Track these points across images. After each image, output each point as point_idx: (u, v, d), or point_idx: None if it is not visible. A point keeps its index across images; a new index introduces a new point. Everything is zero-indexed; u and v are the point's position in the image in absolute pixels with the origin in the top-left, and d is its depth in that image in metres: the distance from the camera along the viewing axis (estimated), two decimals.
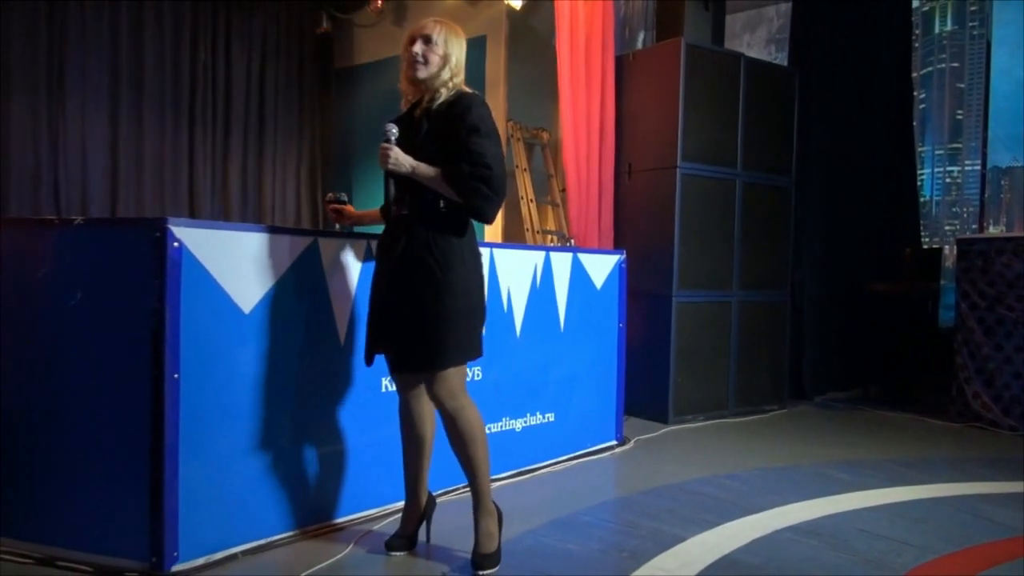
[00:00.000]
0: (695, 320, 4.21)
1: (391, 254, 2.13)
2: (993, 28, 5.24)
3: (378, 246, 2.22)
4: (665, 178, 4.14)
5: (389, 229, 2.20)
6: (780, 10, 6.17)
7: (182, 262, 2.01)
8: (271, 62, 6.54)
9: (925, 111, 5.97)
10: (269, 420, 2.24)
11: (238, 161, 6.32)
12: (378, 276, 2.18)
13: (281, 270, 2.24)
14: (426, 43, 2.17)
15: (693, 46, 4.14)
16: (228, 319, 2.13)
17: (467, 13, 6.25)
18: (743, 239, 4.39)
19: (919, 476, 3.18)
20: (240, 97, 6.35)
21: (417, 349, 2.08)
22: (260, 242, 2.20)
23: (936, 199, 6.02)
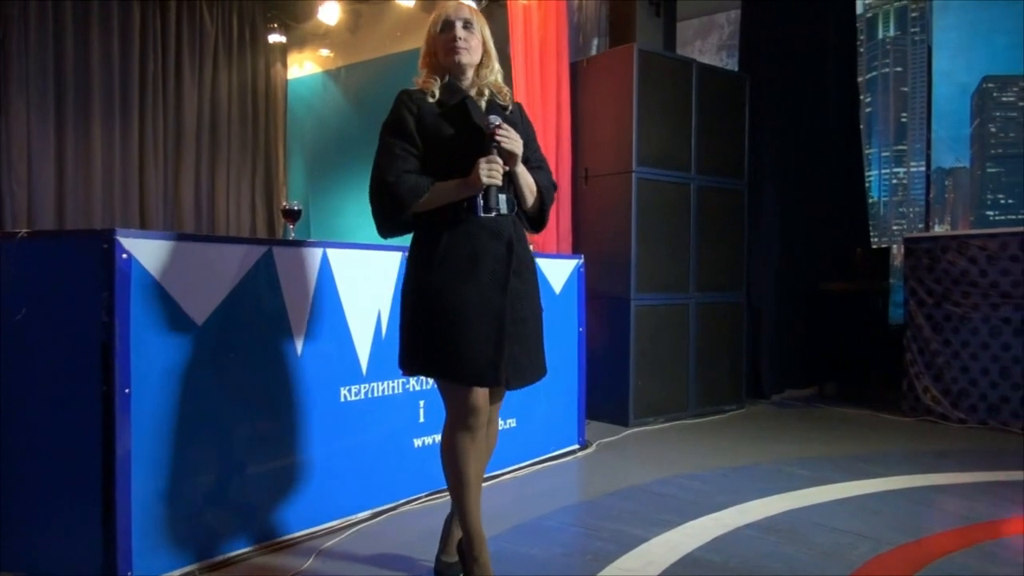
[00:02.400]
0: (654, 323, 4.24)
1: (495, 255, 1.93)
2: (933, 33, 5.41)
3: (461, 245, 1.92)
4: (621, 182, 4.17)
5: (481, 228, 1.93)
6: (730, 17, 6.29)
7: (131, 274, 1.96)
8: (223, 70, 6.45)
9: (871, 114, 6.14)
10: (224, 433, 2.19)
11: (190, 170, 6.21)
12: (478, 278, 1.91)
13: (235, 280, 2.20)
14: (466, 28, 2.00)
15: (646, 52, 4.19)
16: (180, 331, 2.08)
17: (421, 20, 6.23)
18: (699, 242, 4.44)
19: (874, 470, 3.25)
20: (192, 105, 6.24)
21: (542, 357, 2.04)
22: (212, 252, 2.16)
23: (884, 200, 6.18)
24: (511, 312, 1.93)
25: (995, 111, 6.30)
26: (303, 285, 2.39)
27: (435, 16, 2.04)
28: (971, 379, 4.22)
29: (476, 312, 1.89)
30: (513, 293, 1.95)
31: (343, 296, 2.51)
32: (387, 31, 6.41)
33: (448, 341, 1.87)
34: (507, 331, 1.91)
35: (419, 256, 1.96)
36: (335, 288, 2.49)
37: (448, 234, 1.92)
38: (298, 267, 2.38)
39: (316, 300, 2.42)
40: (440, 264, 1.91)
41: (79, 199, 5.48)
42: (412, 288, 1.96)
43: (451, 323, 1.88)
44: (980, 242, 4.17)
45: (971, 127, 6.13)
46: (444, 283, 1.90)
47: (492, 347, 1.89)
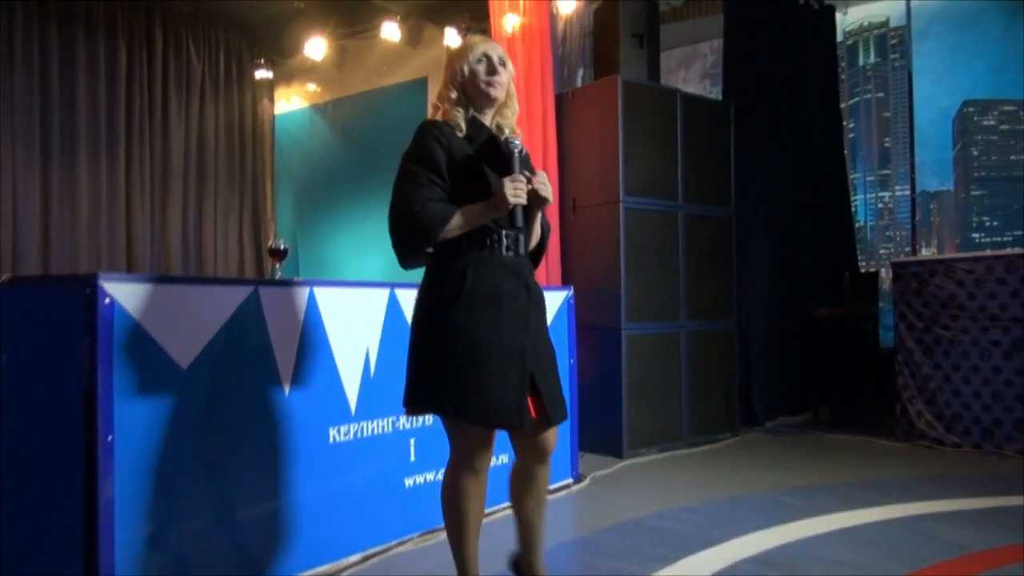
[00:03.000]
0: (645, 352, 4.23)
1: (515, 295, 1.94)
2: (913, 60, 5.49)
3: (484, 285, 1.91)
4: (609, 213, 4.18)
5: (503, 268, 1.94)
6: (713, 46, 6.37)
7: (114, 318, 1.93)
8: (210, 107, 6.47)
9: (855, 139, 6.20)
10: (211, 478, 2.16)
11: (178, 209, 6.20)
12: (501, 318, 1.90)
13: (220, 322, 2.18)
14: (502, 65, 2.02)
15: (630, 83, 4.23)
16: (165, 376, 2.05)
17: (407, 55, 6.31)
18: (688, 270, 4.45)
19: (871, 497, 3.23)
20: (179, 142, 6.25)
21: (563, 396, 2.03)
22: (197, 294, 2.14)
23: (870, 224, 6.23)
24: (533, 350, 1.94)
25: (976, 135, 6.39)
26: (290, 325, 2.37)
27: (466, 47, 2.04)
28: (964, 403, 4.21)
29: (500, 353, 1.88)
30: (533, 330, 1.96)
31: (331, 335, 2.49)
32: (373, 65, 6.46)
33: (472, 381, 1.85)
34: (530, 370, 1.92)
35: (441, 293, 1.92)
36: (322, 327, 2.47)
37: (472, 272, 1.91)
38: (285, 307, 2.36)
39: (303, 340, 2.40)
40: (464, 303, 1.89)
41: (65, 239, 5.45)
42: (432, 325, 1.91)
43: (477, 364, 1.86)
44: (967, 265, 4.19)
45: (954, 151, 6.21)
46: (468, 322, 1.87)
47: (515, 390, 1.89)
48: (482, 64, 2.01)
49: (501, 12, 4.40)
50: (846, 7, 5.91)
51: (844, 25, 6.01)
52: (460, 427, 1.91)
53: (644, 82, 4.41)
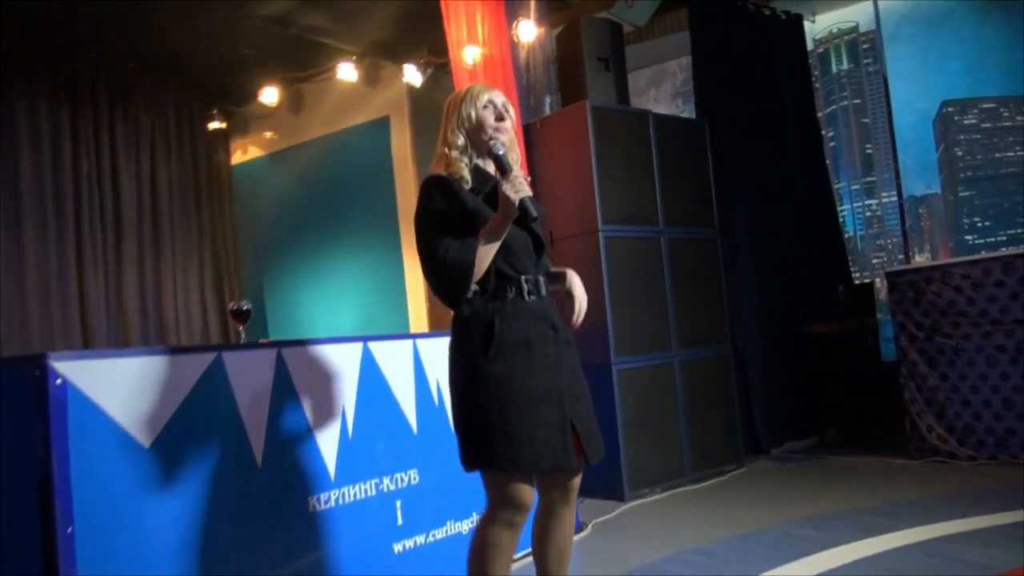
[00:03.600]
0: (638, 386, 4.21)
1: (544, 337, 2.01)
2: (887, 63, 5.62)
3: (513, 332, 1.98)
4: (588, 243, 4.20)
5: (529, 312, 2.01)
6: (682, 64, 6.48)
7: (67, 400, 1.89)
8: (162, 163, 6.45)
9: (836, 148, 6.32)
10: (182, 560, 2.09)
11: (133, 274, 6.13)
12: (535, 362, 1.97)
13: (183, 393, 2.14)
14: (506, 110, 2.12)
15: (599, 108, 4.28)
16: (127, 457, 2.00)
17: (366, 95, 6.35)
18: (676, 296, 4.46)
19: (887, 523, 3.21)
20: (131, 204, 6.21)
21: (599, 433, 2.09)
22: (156, 366, 2.10)
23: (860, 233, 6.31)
24: (568, 390, 2.02)
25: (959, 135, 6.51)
26: (258, 390, 2.33)
27: (470, 93, 2.12)
28: (974, 413, 4.23)
29: (540, 398, 1.96)
30: (567, 370, 2.04)
31: (303, 397, 2.46)
32: (331, 108, 6.50)
33: (518, 430, 1.92)
34: (569, 410, 2.00)
35: (472, 346, 1.99)
36: (294, 390, 2.43)
37: (499, 321, 1.98)
38: (252, 372, 2.32)
39: (274, 405, 2.36)
40: (497, 353, 1.96)
41: (14, 318, 5.35)
42: (470, 379, 1.98)
43: (519, 412, 1.93)
44: (963, 270, 4.24)
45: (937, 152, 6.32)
46: (504, 372, 1.95)
47: (559, 431, 1.97)
48: (489, 110, 2.10)
49: (460, 44, 4.45)
50: (813, 15, 6.04)
51: (813, 33, 6.15)
52: (505, 479, 1.96)
53: (614, 106, 4.47)
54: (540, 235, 2.13)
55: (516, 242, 2.04)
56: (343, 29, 5.62)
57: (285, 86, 6.38)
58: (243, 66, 6.08)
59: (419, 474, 2.84)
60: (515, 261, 2.04)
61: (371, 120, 6.34)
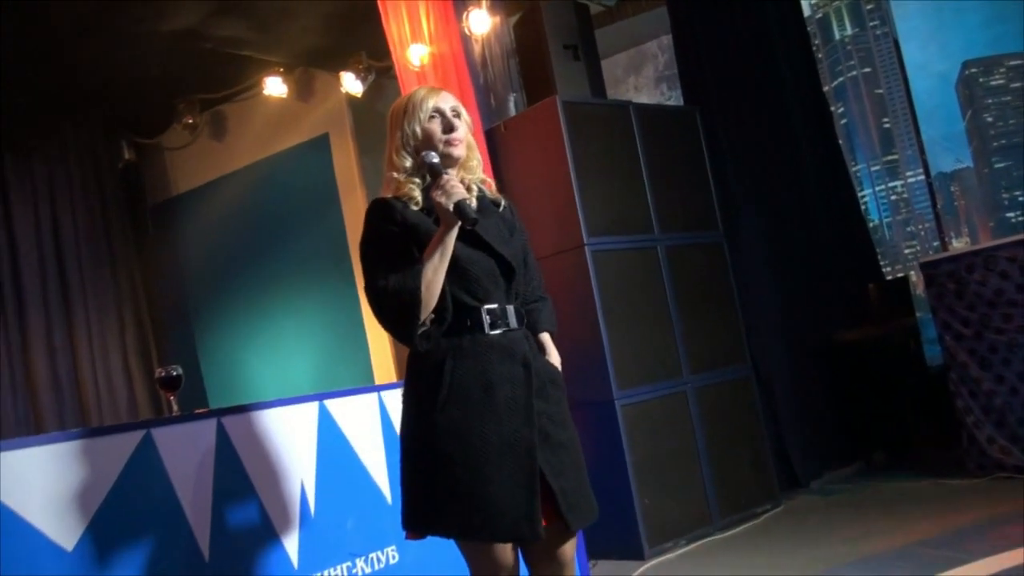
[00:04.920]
0: (648, 422, 4.20)
1: (511, 379, 2.00)
2: (896, 24, 5.74)
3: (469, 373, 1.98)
4: (573, 260, 4.20)
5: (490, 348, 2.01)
6: (663, 44, 6.56)
7: None
8: (65, 210, 6.38)
9: (848, 126, 6.44)
10: None
11: (41, 345, 6.04)
12: (496, 408, 1.96)
13: (108, 482, 2.11)
14: (457, 117, 2.13)
15: (571, 103, 4.31)
16: (47, 564, 1.96)
17: (300, 111, 6.37)
18: (682, 312, 4.47)
19: (954, 555, 3.20)
20: (31, 261, 6.14)
21: (591, 492, 2.08)
22: (74, 453, 2.07)
23: (886, 220, 6.40)
24: (543, 440, 1.99)
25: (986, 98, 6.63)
26: (199, 470, 2.30)
27: (412, 104, 2.12)
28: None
29: (499, 452, 1.93)
30: (543, 416, 2.01)
31: (253, 473, 2.43)
32: (260, 130, 6.50)
33: (470, 491, 1.90)
34: (542, 467, 1.96)
35: (420, 392, 2.00)
36: (240, 465, 2.41)
37: (451, 361, 1.97)
38: (189, 448, 2.30)
39: (219, 486, 2.33)
40: (448, 399, 1.95)
41: None
42: (416, 432, 1.98)
43: (473, 468, 1.91)
44: (1008, 252, 4.29)
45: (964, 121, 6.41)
46: (455, 421, 1.94)
47: (525, 491, 1.92)
48: (436, 121, 2.10)
49: (403, 44, 4.47)
50: None
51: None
52: (472, 546, 1.96)
53: (588, 99, 4.50)
54: (507, 256, 2.09)
55: (475, 265, 2.03)
56: (265, 38, 5.63)
57: (203, 109, 6.38)
58: (152, 90, 6.07)
59: (398, 551, 2.81)
60: (474, 288, 2.03)
61: (308, 139, 6.35)
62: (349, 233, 6.09)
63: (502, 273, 2.08)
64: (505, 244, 2.11)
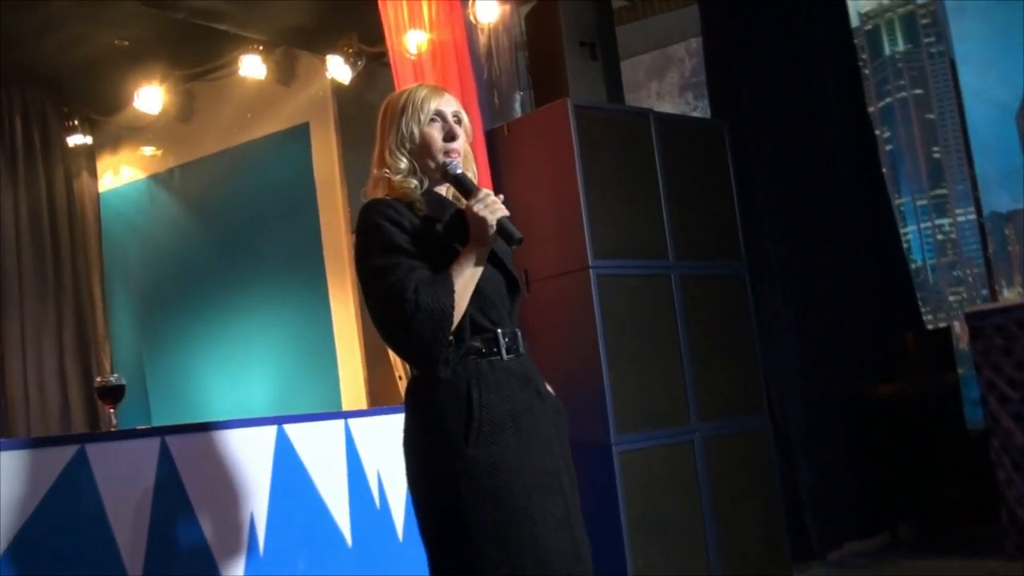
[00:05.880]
0: (648, 473, 4.20)
1: (530, 407, 2.05)
2: (954, 43, 5.79)
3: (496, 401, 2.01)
4: (575, 284, 4.21)
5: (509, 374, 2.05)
6: (691, 48, 6.61)
7: None
8: (5, 191, 6.39)
9: (894, 153, 6.44)
10: None
11: None
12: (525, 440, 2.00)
13: (33, 502, 2.11)
14: (458, 123, 2.19)
15: (584, 107, 4.33)
16: None
17: (279, 96, 6.39)
18: (693, 350, 4.47)
19: None
20: None
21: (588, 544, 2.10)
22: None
23: (930, 262, 6.41)
24: (567, 474, 2.07)
25: None
26: (136, 494, 2.31)
27: (411, 103, 2.16)
28: None
29: (538, 485, 1.98)
30: (557, 449, 2.08)
31: (196, 502, 2.43)
32: (233, 114, 6.52)
33: (519, 532, 1.93)
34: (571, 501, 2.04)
35: (443, 423, 1.99)
36: (183, 492, 2.41)
37: (476, 390, 1.99)
38: (127, 470, 2.31)
39: (157, 513, 2.33)
40: (482, 432, 1.97)
41: None
42: (448, 471, 1.97)
43: (518, 508, 1.94)
44: None
45: None
46: (494, 458, 1.96)
47: (566, 530, 2.00)
48: (436, 125, 2.15)
49: (400, 28, 4.51)
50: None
51: (859, 6, 6.31)
52: None
53: (603, 104, 4.52)
54: (516, 275, 2.18)
55: (489, 283, 2.08)
56: (245, 12, 5.64)
57: (170, 87, 6.39)
58: (113, 62, 6.08)
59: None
60: (489, 309, 2.07)
61: (286, 128, 6.37)
62: (325, 237, 6.10)
63: (509, 294, 2.16)
64: (511, 263, 2.18)
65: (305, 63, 6.24)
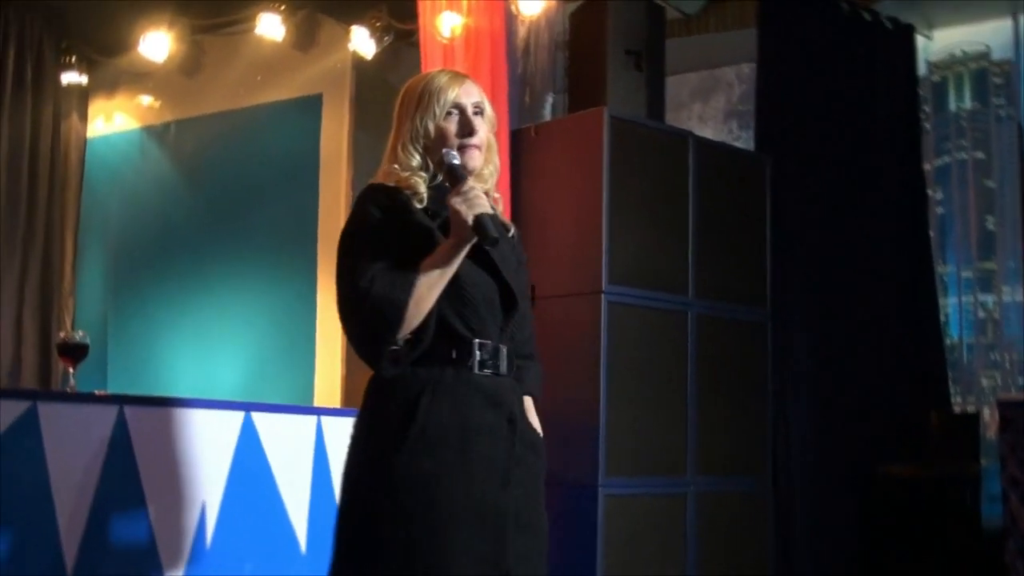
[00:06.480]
0: (633, 522, 4.19)
1: (493, 432, 2.03)
2: None
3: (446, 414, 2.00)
4: (585, 307, 4.22)
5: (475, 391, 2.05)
6: (742, 73, 6.61)
7: None
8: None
9: (944, 217, 6.43)
10: None
11: None
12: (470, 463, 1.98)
13: None
14: (478, 115, 2.17)
15: (621, 119, 4.35)
16: None
17: (295, 62, 6.40)
18: (701, 397, 4.47)
19: None
20: None
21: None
22: None
23: (967, 340, 6.40)
24: (516, 514, 2.00)
25: None
26: (84, 465, 2.31)
27: (428, 92, 2.16)
28: None
29: (467, 515, 1.94)
30: (518, 487, 2.03)
31: (147, 481, 2.43)
32: (243, 75, 6.52)
33: (425, 558, 1.89)
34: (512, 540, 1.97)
35: (383, 429, 2.00)
36: (134, 467, 2.41)
37: (429, 397, 1.98)
38: (78, 435, 2.30)
39: (104, 487, 2.33)
40: (417, 442, 1.95)
41: None
42: (370, 476, 1.98)
43: (432, 530, 1.91)
44: None
45: None
46: (422, 471, 1.94)
47: (491, 567, 1.93)
48: (453, 119, 2.14)
49: (435, 9, 4.53)
50: (930, 29, 6.22)
51: (928, 54, 6.33)
52: None
53: (642, 119, 4.54)
54: (514, 285, 2.14)
55: (477, 289, 2.07)
56: None
57: (179, 35, 6.40)
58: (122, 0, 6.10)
59: None
60: (470, 316, 2.06)
61: (297, 97, 6.37)
62: (322, 219, 6.09)
63: (503, 306, 2.13)
64: (513, 273, 2.15)
65: (327, 30, 6.24)
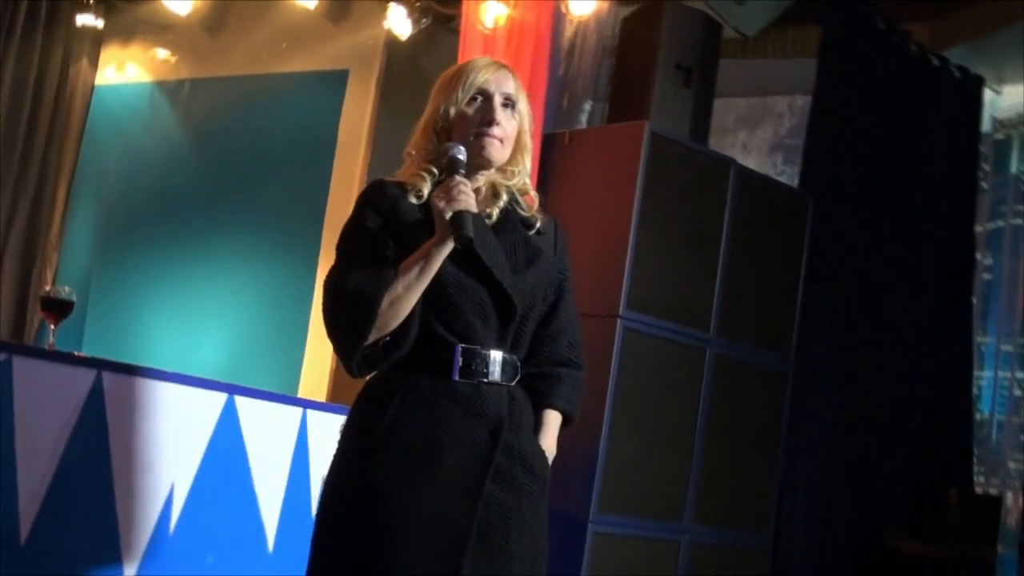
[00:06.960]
0: (621, 565, 4.18)
1: (469, 443, 2.00)
2: None
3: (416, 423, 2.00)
4: (598, 330, 4.21)
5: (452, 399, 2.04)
6: (795, 105, 6.61)
7: None
8: None
9: (990, 284, 6.41)
10: None
11: None
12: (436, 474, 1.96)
13: None
14: (506, 106, 2.15)
15: (662, 136, 4.35)
16: None
17: (325, 32, 6.42)
18: (708, 440, 4.46)
19: None
20: None
21: None
22: None
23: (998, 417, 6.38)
24: (484, 535, 1.96)
25: None
26: (54, 427, 2.31)
27: (456, 74, 2.16)
28: None
29: (422, 521, 1.92)
30: (493, 507, 1.98)
31: (116, 453, 2.44)
32: (267, 39, 6.53)
33: (370, 567, 1.90)
34: (472, 562, 1.92)
35: (352, 430, 2.05)
36: (105, 436, 2.42)
37: (400, 402, 2.00)
38: (51, 395, 2.31)
39: (70, 456, 2.34)
40: (380, 446, 1.97)
41: None
42: (333, 476, 2.04)
43: (383, 534, 1.91)
44: None
45: None
46: (380, 477, 1.95)
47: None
48: (475, 105, 2.13)
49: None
50: (1000, 83, 6.21)
51: (995, 110, 6.32)
52: None
53: (684, 139, 4.54)
54: (509, 287, 2.09)
55: (463, 293, 2.05)
56: None
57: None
58: None
59: None
60: (453, 320, 2.05)
61: (322, 70, 6.38)
62: (332, 203, 6.09)
63: (497, 309, 2.09)
64: (515, 273, 2.11)
65: (363, 4, 6.25)
